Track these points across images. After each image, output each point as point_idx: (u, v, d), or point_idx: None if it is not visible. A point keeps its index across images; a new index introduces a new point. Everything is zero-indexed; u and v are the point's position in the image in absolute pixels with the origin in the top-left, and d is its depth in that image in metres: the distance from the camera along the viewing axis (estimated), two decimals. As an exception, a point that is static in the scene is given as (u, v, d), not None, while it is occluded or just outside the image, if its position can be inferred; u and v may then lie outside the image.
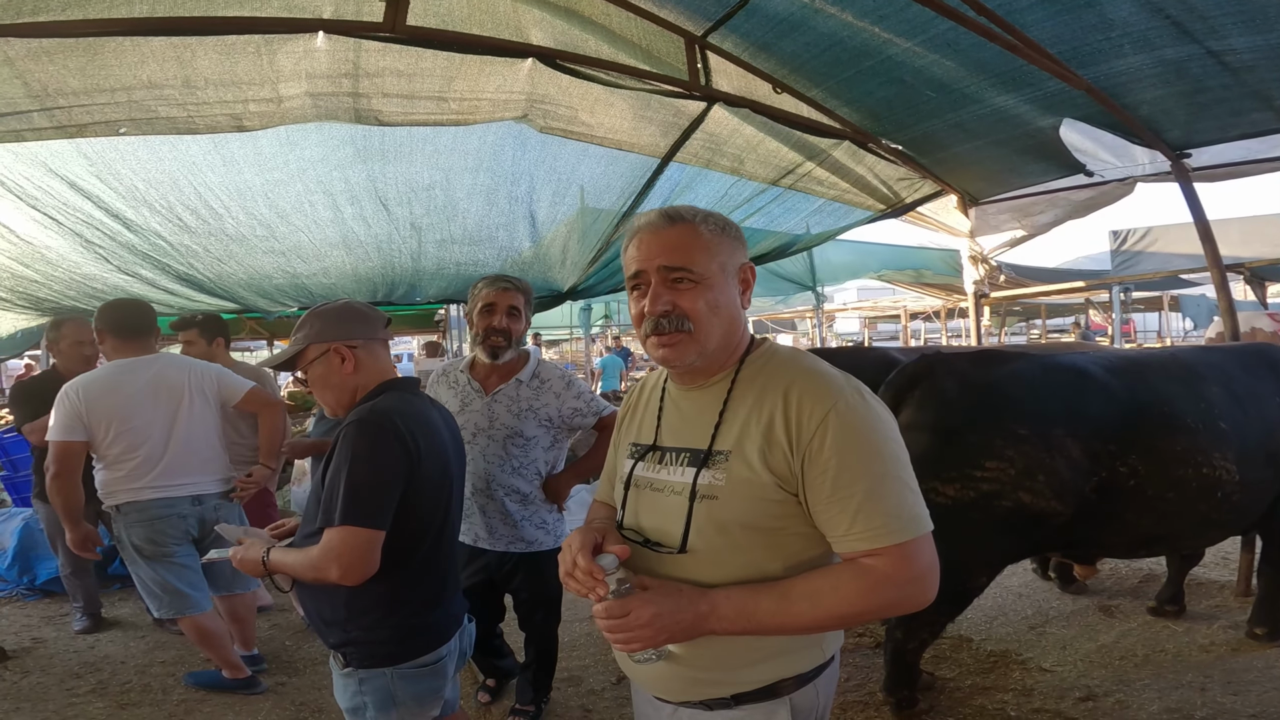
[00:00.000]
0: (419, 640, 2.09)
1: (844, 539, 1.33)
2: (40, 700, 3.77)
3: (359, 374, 2.17)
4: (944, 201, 5.74)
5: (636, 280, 1.47)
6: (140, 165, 3.75)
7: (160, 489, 3.57)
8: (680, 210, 1.47)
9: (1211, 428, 3.11)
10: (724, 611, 1.33)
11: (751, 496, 1.37)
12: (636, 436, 1.63)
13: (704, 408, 1.48)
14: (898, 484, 1.32)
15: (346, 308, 2.25)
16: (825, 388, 1.37)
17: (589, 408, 3.19)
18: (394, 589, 2.03)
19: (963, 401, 3.10)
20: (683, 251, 1.42)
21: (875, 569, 1.30)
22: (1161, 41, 3.38)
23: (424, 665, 2.09)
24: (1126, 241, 8.40)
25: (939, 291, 12.64)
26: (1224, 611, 4.30)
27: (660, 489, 1.49)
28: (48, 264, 4.41)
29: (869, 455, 1.31)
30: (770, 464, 1.36)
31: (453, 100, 3.88)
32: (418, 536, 2.07)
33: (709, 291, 1.42)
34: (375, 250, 5.11)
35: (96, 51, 3.05)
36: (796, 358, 1.49)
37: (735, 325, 1.49)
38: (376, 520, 1.92)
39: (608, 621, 1.34)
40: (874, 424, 1.35)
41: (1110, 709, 3.33)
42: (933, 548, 1.34)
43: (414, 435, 2.02)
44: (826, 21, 3.73)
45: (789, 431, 1.35)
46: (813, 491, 1.34)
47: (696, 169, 5.02)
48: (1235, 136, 4.24)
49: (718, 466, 1.41)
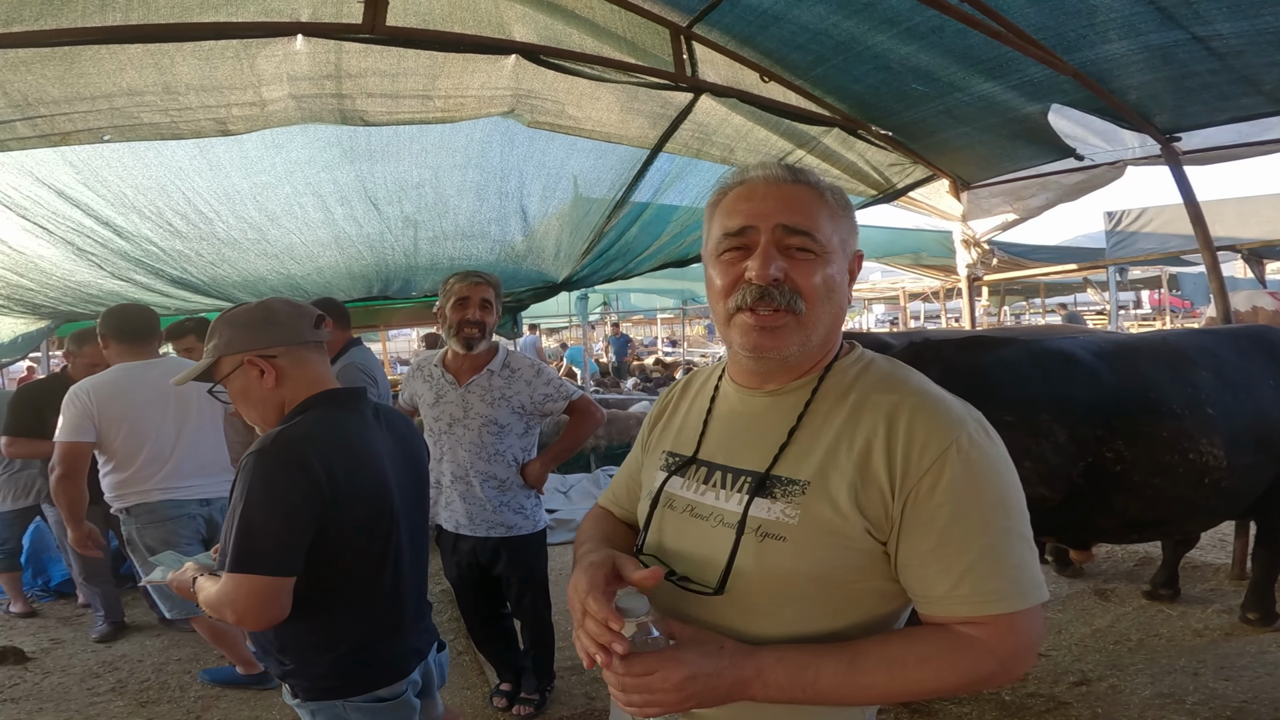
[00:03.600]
0: (368, 674, 1.83)
1: (942, 601, 1.06)
2: (63, 700, 3.83)
3: (283, 387, 1.86)
4: (936, 186, 5.73)
5: (739, 239, 1.14)
6: (127, 172, 3.75)
7: (169, 490, 3.60)
8: (803, 171, 1.18)
9: (1199, 413, 3.10)
10: (772, 678, 1.05)
11: (833, 544, 1.09)
12: (673, 444, 1.33)
13: (774, 420, 1.18)
14: (1020, 542, 1.05)
15: (261, 310, 1.91)
16: (945, 417, 1.08)
17: (559, 393, 3.30)
18: (326, 626, 1.79)
19: (949, 387, 3.09)
20: (808, 213, 1.13)
21: (975, 639, 1.04)
22: (1147, 27, 3.36)
23: (381, 700, 1.84)
24: (1121, 222, 8.36)
25: (937, 273, 12.60)
26: (1219, 595, 4.31)
27: (704, 515, 1.19)
28: (42, 273, 4.43)
29: (992, 506, 1.05)
30: (862, 504, 1.07)
31: (438, 98, 3.87)
32: (350, 572, 1.80)
33: (829, 268, 1.13)
34: (368, 248, 5.13)
35: (74, 60, 3.05)
36: (902, 374, 1.19)
37: (841, 319, 1.20)
38: (274, 566, 1.64)
39: (624, 679, 1.03)
40: (999, 467, 1.08)
41: (1103, 693, 3.35)
42: (1042, 617, 1.09)
43: (330, 465, 1.72)
44: (809, 11, 3.71)
45: (892, 466, 1.07)
46: (911, 541, 1.06)
47: (686, 159, 5.02)
48: (1225, 120, 4.22)
49: (789, 499, 1.11)
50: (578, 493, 7.13)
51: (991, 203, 5.67)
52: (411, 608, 1.96)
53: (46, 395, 4.35)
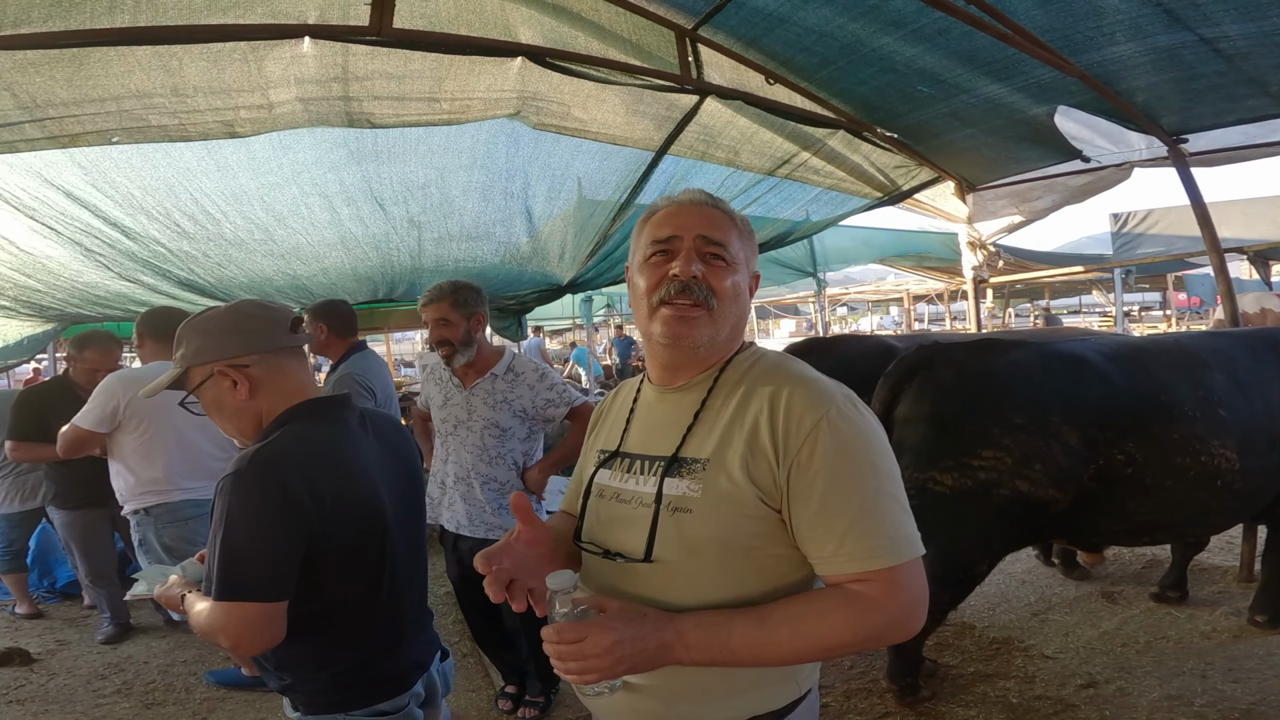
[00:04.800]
0: (368, 690, 1.77)
1: (830, 560, 1.19)
2: (68, 701, 3.84)
3: (259, 398, 1.75)
4: (941, 188, 5.72)
5: (665, 245, 1.35)
6: (135, 173, 3.75)
7: (189, 490, 3.62)
8: (717, 198, 1.42)
9: (1211, 415, 3.10)
10: (692, 640, 1.17)
11: (732, 512, 1.23)
12: (604, 443, 1.50)
13: (681, 411, 1.36)
14: (892, 503, 1.20)
15: (232, 315, 1.78)
16: (817, 394, 1.25)
17: (561, 398, 3.30)
18: (323, 645, 1.73)
19: (960, 391, 3.11)
20: (723, 230, 1.35)
21: (864, 595, 1.17)
22: (1154, 29, 3.36)
23: (382, 714, 1.78)
24: (1127, 224, 8.35)
25: (941, 274, 12.60)
26: (1227, 597, 4.30)
27: (627, 500, 1.35)
28: (50, 274, 4.43)
29: (863, 470, 1.20)
30: (753, 475, 1.22)
31: (444, 100, 3.87)
32: (345, 590, 1.72)
33: (736, 275, 1.35)
34: (374, 249, 5.13)
35: (82, 62, 3.05)
36: (785, 363, 1.38)
37: (742, 322, 1.41)
38: (262, 593, 1.56)
39: (559, 648, 1.16)
40: (868, 436, 1.23)
41: (1111, 696, 3.34)
42: (924, 573, 1.21)
43: (314, 483, 1.62)
44: (815, 14, 3.71)
45: (775, 439, 1.22)
46: (798, 506, 1.21)
47: (691, 161, 5.01)
48: (1232, 122, 4.21)
49: (693, 476, 1.27)
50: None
51: (997, 205, 5.66)
52: (412, 619, 1.90)
53: (49, 399, 4.36)
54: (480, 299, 3.28)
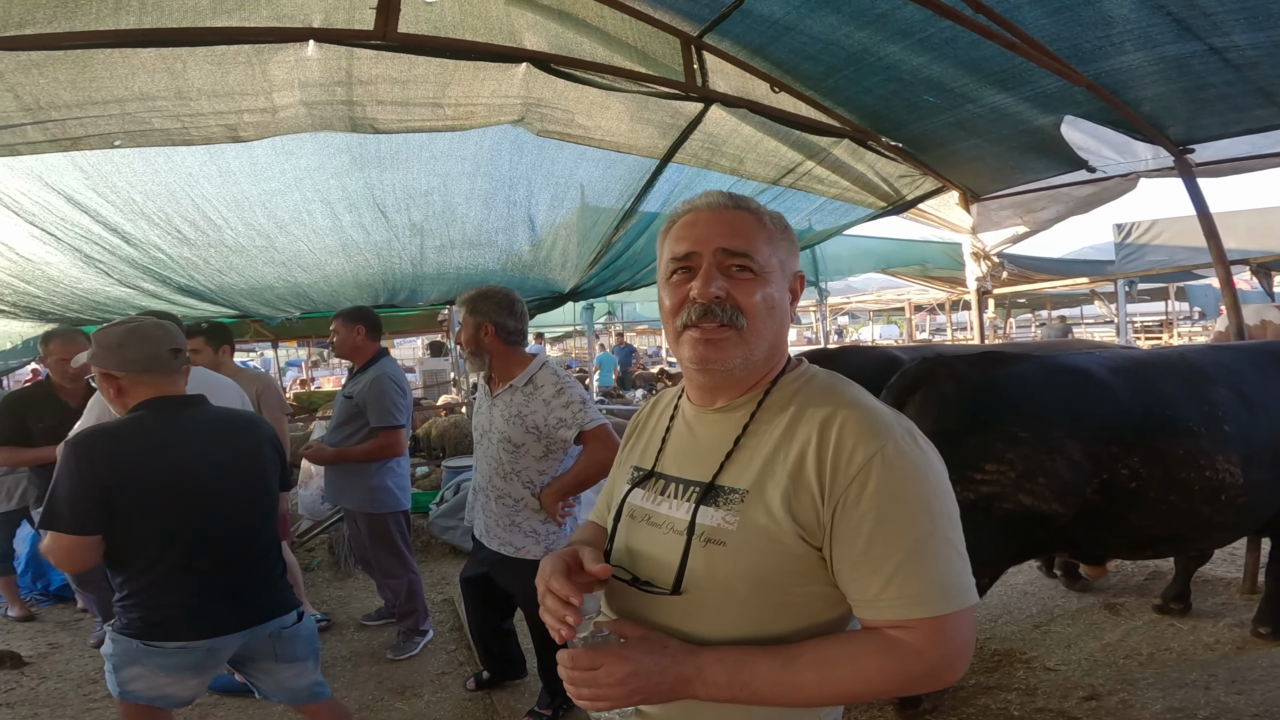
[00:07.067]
0: (154, 626, 2.27)
1: (871, 604, 1.11)
2: (59, 705, 3.80)
3: (125, 397, 2.35)
4: (946, 198, 5.71)
5: (685, 262, 1.24)
6: (136, 178, 3.74)
7: None
8: (742, 197, 1.28)
9: (1215, 430, 3.08)
10: (712, 676, 1.11)
11: (768, 547, 1.15)
12: (640, 459, 1.42)
13: (722, 434, 1.26)
14: (946, 547, 1.10)
15: (124, 335, 2.33)
16: (871, 426, 1.13)
17: (574, 419, 3.07)
18: (122, 580, 2.28)
19: (963, 404, 3.09)
20: (747, 237, 1.22)
21: (903, 643, 1.08)
22: (1163, 38, 3.35)
23: (164, 650, 2.28)
24: (1131, 234, 8.32)
25: (943, 285, 12.60)
26: (1230, 609, 4.27)
27: (658, 524, 1.27)
28: (49, 280, 4.42)
29: (915, 510, 1.10)
30: (795, 510, 1.13)
31: (448, 106, 3.86)
32: (140, 542, 2.25)
33: (768, 287, 1.22)
34: (375, 256, 5.12)
35: (86, 64, 3.04)
36: (838, 386, 1.26)
37: (783, 335, 1.28)
38: (71, 527, 2.15)
39: (573, 673, 1.13)
40: (925, 473, 1.12)
41: (1114, 708, 3.32)
42: (973, 621, 1.12)
43: (113, 457, 2.20)
44: (821, 22, 3.69)
45: (822, 474, 1.13)
46: (841, 547, 1.12)
47: (696, 169, 4.99)
48: (1239, 132, 4.20)
49: (729, 506, 1.18)
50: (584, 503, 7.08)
51: (1001, 215, 5.65)
52: (219, 584, 2.35)
53: (30, 403, 4.34)
54: (492, 307, 3.18)
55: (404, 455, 4.35)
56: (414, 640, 4.33)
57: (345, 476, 4.23)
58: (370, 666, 4.20)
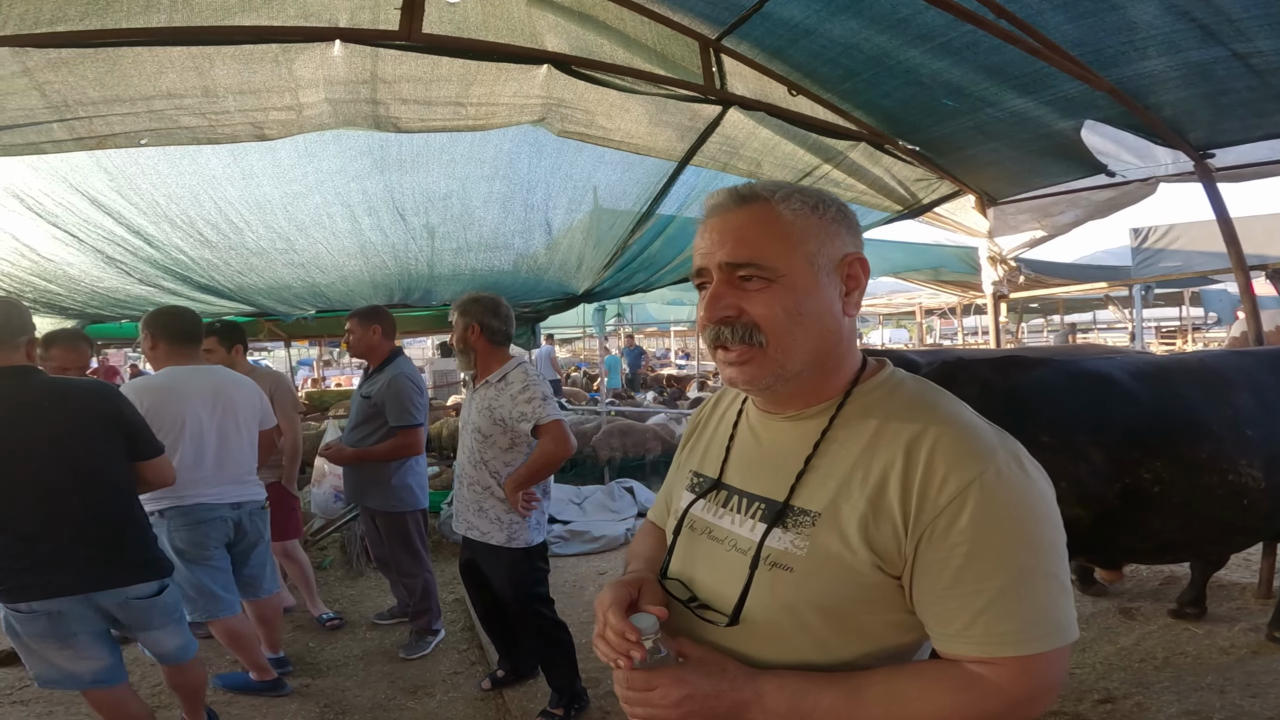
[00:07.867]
0: (4, 592, 2.59)
1: (954, 639, 1.01)
2: (73, 703, 3.82)
3: None
4: (962, 202, 5.68)
5: (700, 279, 1.14)
6: (161, 180, 3.77)
7: (202, 495, 3.62)
8: (756, 187, 1.13)
9: (1238, 434, 3.06)
10: (772, 704, 1.04)
11: (839, 576, 1.05)
12: (700, 464, 1.31)
13: (791, 446, 1.15)
14: (1049, 581, 0.99)
15: None
16: (970, 448, 1.01)
17: (533, 412, 3.32)
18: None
19: (984, 408, 3.06)
20: (751, 242, 1.08)
21: (984, 679, 0.99)
22: (1187, 44, 3.34)
23: (18, 611, 2.60)
24: (1148, 239, 8.27)
25: (956, 288, 12.56)
26: (1245, 614, 4.27)
27: (720, 539, 1.18)
28: (70, 279, 4.47)
29: (1015, 544, 0.98)
30: (872, 539, 1.03)
31: (470, 106, 3.88)
32: None
33: (788, 294, 1.07)
34: (391, 258, 5.15)
35: (115, 61, 3.06)
36: (931, 398, 1.13)
37: (832, 339, 1.12)
38: None
39: (628, 692, 1.09)
40: (1031, 503, 1.01)
41: (1129, 711, 3.32)
42: (1067, 658, 1.02)
43: None
44: (841, 26, 3.69)
45: (906, 502, 1.02)
46: (924, 578, 1.02)
47: (713, 172, 4.99)
48: (1260, 137, 4.17)
49: (799, 530, 1.08)
50: (592, 504, 7.13)
51: (1019, 219, 5.62)
52: (44, 549, 2.60)
53: None
54: (479, 309, 3.48)
55: (423, 454, 4.37)
56: (426, 640, 4.35)
57: (367, 476, 4.25)
58: (383, 665, 4.22)
